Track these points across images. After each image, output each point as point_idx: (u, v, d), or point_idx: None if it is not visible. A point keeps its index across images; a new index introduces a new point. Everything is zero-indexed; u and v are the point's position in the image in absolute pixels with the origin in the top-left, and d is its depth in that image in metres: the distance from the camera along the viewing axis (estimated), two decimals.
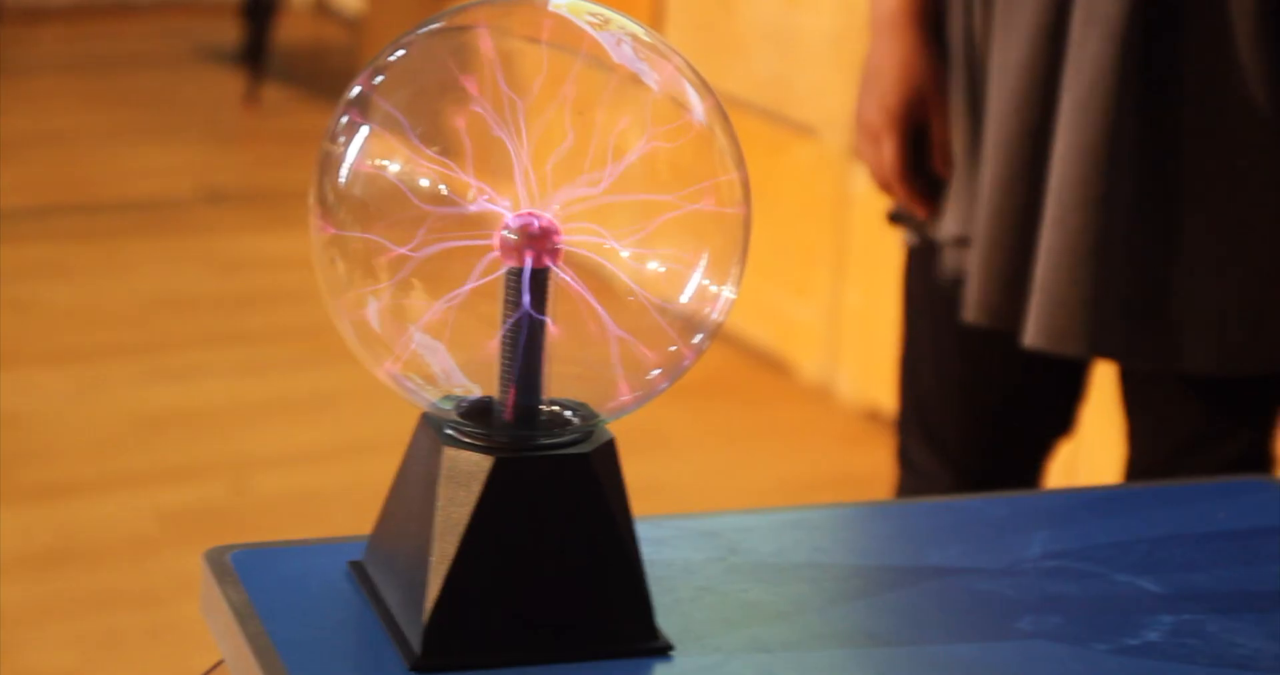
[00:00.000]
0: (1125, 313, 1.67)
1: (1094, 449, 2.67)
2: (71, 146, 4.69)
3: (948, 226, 1.77)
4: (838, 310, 3.35)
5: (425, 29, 1.08)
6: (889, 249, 2.64)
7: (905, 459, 1.92)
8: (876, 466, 3.23)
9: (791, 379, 3.45)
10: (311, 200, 1.07)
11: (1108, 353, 1.70)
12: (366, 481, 3.05)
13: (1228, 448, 1.78)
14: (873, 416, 3.34)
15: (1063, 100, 1.65)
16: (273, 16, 5.03)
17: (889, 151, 1.79)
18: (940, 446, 1.88)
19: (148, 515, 2.87)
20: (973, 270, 1.73)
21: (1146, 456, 1.83)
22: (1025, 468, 1.90)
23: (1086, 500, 1.28)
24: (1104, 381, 1.98)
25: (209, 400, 3.33)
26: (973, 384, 1.83)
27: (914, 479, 1.91)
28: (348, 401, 3.33)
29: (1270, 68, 1.62)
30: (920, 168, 1.80)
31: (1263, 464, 1.81)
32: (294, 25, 5.67)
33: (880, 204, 1.92)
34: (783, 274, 3.54)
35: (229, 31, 5.51)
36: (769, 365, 3.47)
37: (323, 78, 5.42)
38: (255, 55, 5.04)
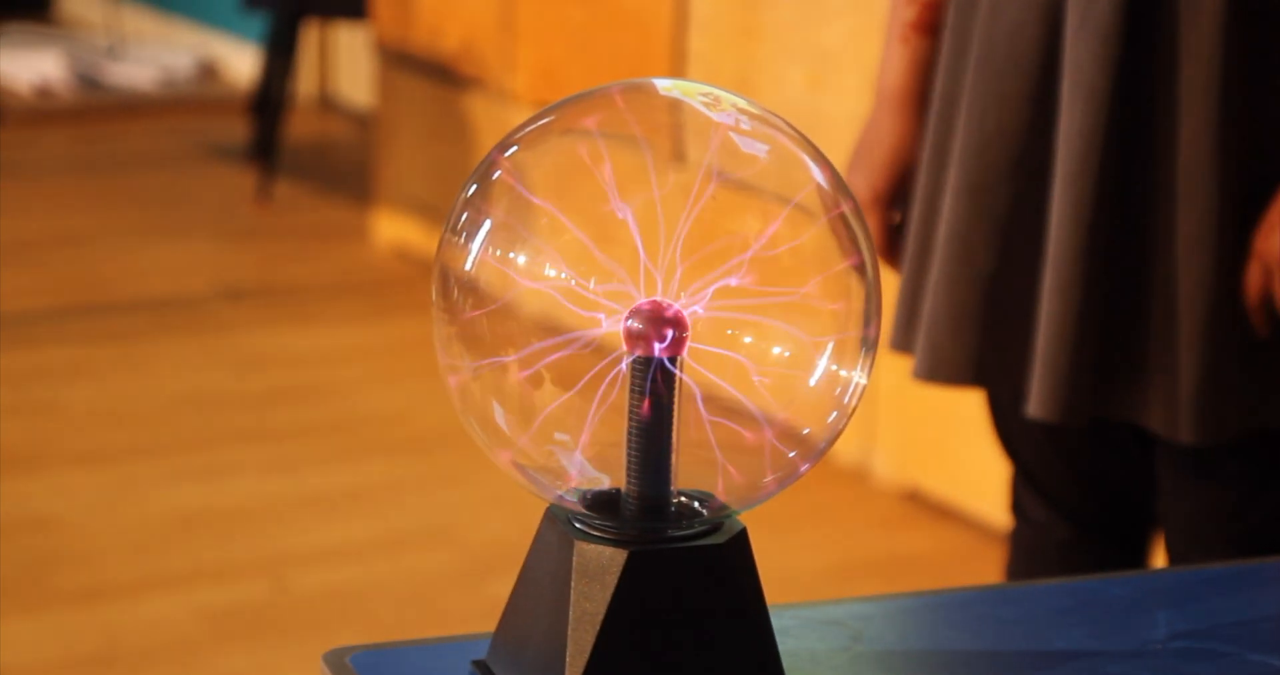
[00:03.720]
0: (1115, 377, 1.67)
1: None
2: (85, 247, 4.67)
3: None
4: (872, 391, 3.33)
5: (539, 124, 1.07)
6: None
7: (1019, 510, 1.91)
8: (918, 548, 3.21)
9: (827, 462, 3.43)
10: (435, 294, 1.06)
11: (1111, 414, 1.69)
12: (408, 576, 3.03)
13: (1259, 511, 1.76)
14: (911, 497, 3.32)
15: (1057, 166, 1.65)
16: (282, 113, 5.03)
17: (871, 230, 1.81)
18: (1047, 496, 1.86)
19: (190, 616, 2.84)
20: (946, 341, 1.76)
21: (1178, 526, 1.80)
22: (1137, 510, 1.88)
23: (1204, 578, 1.27)
24: None
25: (241, 498, 3.30)
26: (1059, 433, 1.81)
27: (1028, 530, 1.89)
28: (380, 496, 3.31)
29: (1221, 140, 1.62)
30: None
31: None
32: (300, 121, 5.67)
33: None
34: None
35: (236, 128, 5.52)
36: None
37: (333, 173, 5.42)
38: (265, 152, 5.04)
